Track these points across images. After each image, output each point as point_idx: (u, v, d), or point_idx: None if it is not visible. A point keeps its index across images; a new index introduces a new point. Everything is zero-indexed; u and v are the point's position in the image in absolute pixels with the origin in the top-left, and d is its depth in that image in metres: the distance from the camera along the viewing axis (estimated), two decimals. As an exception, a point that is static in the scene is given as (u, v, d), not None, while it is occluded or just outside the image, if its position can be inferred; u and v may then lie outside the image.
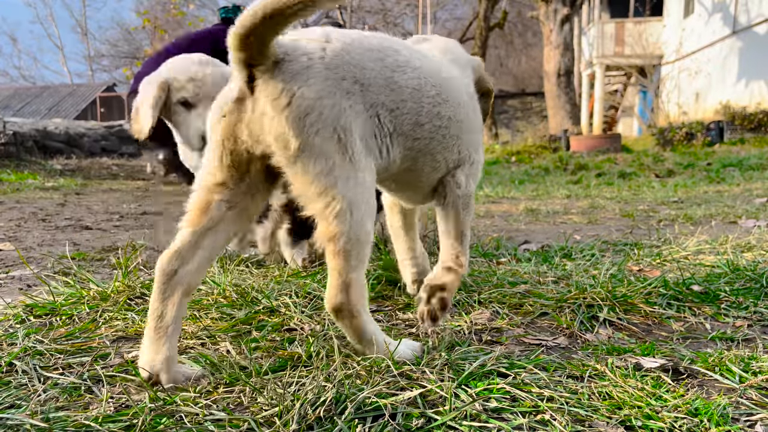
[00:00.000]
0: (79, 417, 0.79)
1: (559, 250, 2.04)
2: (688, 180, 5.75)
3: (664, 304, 1.36)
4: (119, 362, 1.02)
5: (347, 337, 1.01)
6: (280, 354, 1.04)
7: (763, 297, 1.39)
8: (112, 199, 4.55)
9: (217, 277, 1.54)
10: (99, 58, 29.60)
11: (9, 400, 0.86)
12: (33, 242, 2.39)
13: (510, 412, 0.82)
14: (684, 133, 11.40)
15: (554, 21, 12.59)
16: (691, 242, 2.09)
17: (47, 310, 1.30)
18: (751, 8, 14.20)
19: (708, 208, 3.36)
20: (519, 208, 3.75)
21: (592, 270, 1.70)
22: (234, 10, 5.98)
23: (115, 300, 1.37)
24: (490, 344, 1.14)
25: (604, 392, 0.88)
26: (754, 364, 0.98)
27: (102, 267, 1.91)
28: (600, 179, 6.20)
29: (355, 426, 0.77)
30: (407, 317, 1.31)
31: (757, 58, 13.83)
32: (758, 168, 6.53)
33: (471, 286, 1.52)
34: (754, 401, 0.87)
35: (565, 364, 0.99)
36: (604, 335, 1.19)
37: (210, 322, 1.23)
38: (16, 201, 4.13)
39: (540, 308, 1.34)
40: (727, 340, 1.16)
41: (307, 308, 1.32)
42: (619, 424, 0.79)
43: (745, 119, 11.72)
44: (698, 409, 0.82)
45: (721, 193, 4.46)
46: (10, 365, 0.99)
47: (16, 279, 1.73)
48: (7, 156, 7.61)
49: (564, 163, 8.19)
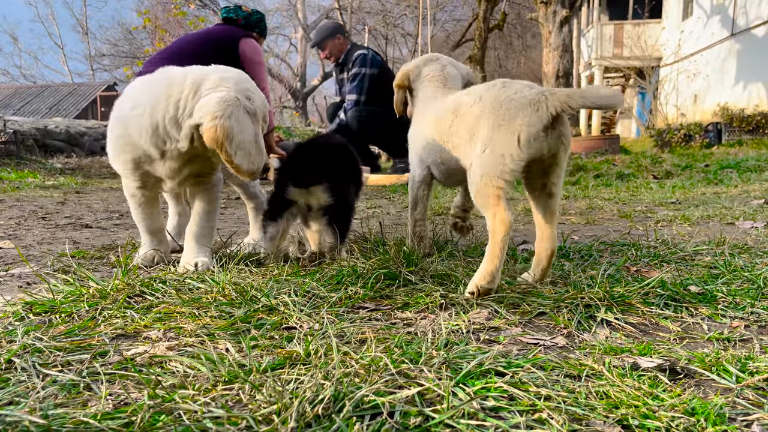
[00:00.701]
0: (78, 414, 0.79)
1: (557, 250, 2.04)
2: (686, 181, 5.76)
3: (661, 304, 1.37)
4: (118, 360, 1.02)
5: None
6: (279, 352, 1.05)
7: (760, 298, 1.39)
8: (112, 197, 4.55)
9: (216, 276, 1.54)
10: (100, 58, 29.58)
11: (8, 397, 0.86)
12: (33, 240, 2.39)
13: (507, 411, 0.82)
14: (682, 135, 11.42)
15: (553, 23, 12.60)
16: (688, 243, 2.10)
17: (47, 308, 1.30)
18: (749, 10, 14.22)
19: (706, 210, 3.37)
20: (517, 208, 3.75)
21: (590, 270, 1.71)
22: (235, 10, 5.96)
23: (115, 298, 1.37)
24: (488, 343, 1.14)
25: (601, 391, 0.88)
26: (750, 365, 0.98)
27: (102, 265, 1.91)
28: (598, 180, 6.21)
29: (353, 424, 0.77)
30: (405, 316, 1.31)
31: (755, 61, 13.86)
32: (756, 170, 6.54)
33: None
34: (751, 401, 0.87)
35: (563, 364, 1.00)
36: (602, 335, 1.20)
37: (209, 320, 1.23)
38: (16, 199, 4.13)
39: (538, 308, 1.35)
40: (724, 340, 1.16)
41: (306, 307, 1.33)
42: (616, 423, 0.79)
43: (743, 121, 11.75)
44: (695, 408, 0.82)
45: (719, 194, 4.47)
46: (9, 362, 0.99)
47: (15, 277, 1.73)
48: (7, 154, 7.61)
49: (563, 165, 8.18)
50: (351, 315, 1.31)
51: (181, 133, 1.63)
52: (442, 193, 4.85)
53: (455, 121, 1.67)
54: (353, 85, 5.88)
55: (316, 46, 6.25)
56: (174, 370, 0.97)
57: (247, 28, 5.54)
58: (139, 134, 1.67)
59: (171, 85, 1.64)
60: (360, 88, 5.89)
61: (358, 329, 1.19)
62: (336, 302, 1.38)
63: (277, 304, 1.32)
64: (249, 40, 5.36)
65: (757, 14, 13.75)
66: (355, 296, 1.43)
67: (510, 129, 1.48)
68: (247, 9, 5.55)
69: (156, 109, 1.63)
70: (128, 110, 1.69)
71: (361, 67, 5.88)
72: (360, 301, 1.42)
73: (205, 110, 1.56)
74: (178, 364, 0.99)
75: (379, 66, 5.98)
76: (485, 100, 1.57)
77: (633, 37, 17.73)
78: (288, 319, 1.25)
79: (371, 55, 6.01)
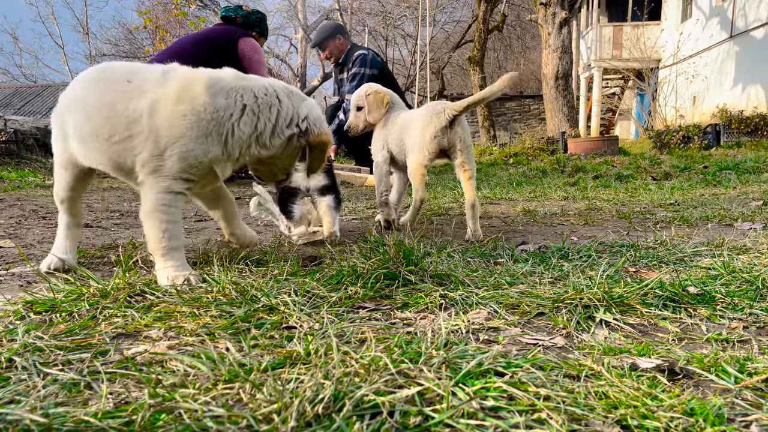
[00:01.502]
0: (79, 413, 0.79)
1: (556, 251, 2.05)
2: (685, 183, 5.77)
3: (660, 305, 1.37)
4: (119, 359, 1.03)
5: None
6: (279, 351, 1.05)
7: (758, 299, 1.40)
8: (112, 197, 4.55)
9: (216, 275, 1.54)
10: (100, 58, 29.55)
11: (8, 395, 0.87)
12: (33, 239, 2.39)
13: (507, 411, 0.82)
14: (681, 137, 11.43)
15: (553, 24, 12.62)
16: (687, 244, 2.10)
17: (47, 307, 1.30)
18: (748, 12, 14.24)
19: (704, 211, 3.37)
20: (517, 209, 3.76)
21: (589, 271, 1.71)
22: (234, 10, 5.95)
23: (115, 297, 1.37)
24: (487, 343, 1.15)
25: (600, 392, 0.88)
26: (749, 365, 0.99)
27: (102, 264, 1.91)
28: (597, 181, 6.21)
29: (353, 423, 0.77)
30: (405, 316, 1.32)
31: (754, 63, 13.88)
32: (754, 171, 6.55)
33: (468, 286, 1.52)
34: (750, 402, 0.87)
35: (562, 364, 1.00)
36: (601, 335, 1.20)
37: (210, 320, 1.23)
38: (16, 198, 4.12)
39: (537, 308, 1.35)
40: (722, 341, 1.17)
41: (306, 306, 1.33)
42: (615, 424, 0.79)
43: (742, 123, 11.77)
44: (694, 409, 0.82)
45: (718, 195, 4.47)
46: (10, 361, 0.99)
47: (16, 276, 1.73)
48: (8, 154, 7.60)
49: (561, 166, 8.21)
50: (351, 315, 1.31)
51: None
52: (442, 194, 4.85)
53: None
54: (353, 84, 5.89)
55: (317, 47, 6.25)
56: (174, 369, 0.97)
57: (246, 27, 5.53)
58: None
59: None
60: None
61: (358, 329, 1.19)
62: (336, 302, 1.38)
63: (277, 304, 1.32)
64: (248, 39, 5.35)
65: (756, 16, 13.77)
66: (355, 296, 1.44)
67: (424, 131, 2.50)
68: (247, 8, 5.54)
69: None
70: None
71: (362, 67, 5.89)
72: (360, 300, 1.42)
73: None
74: (179, 363, 0.99)
75: (379, 67, 5.99)
76: (417, 116, 2.59)
77: (632, 39, 17.75)
78: (288, 318, 1.25)
79: (371, 55, 6.01)
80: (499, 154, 11.64)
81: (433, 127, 2.46)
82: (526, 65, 28.73)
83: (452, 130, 2.46)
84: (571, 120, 12.98)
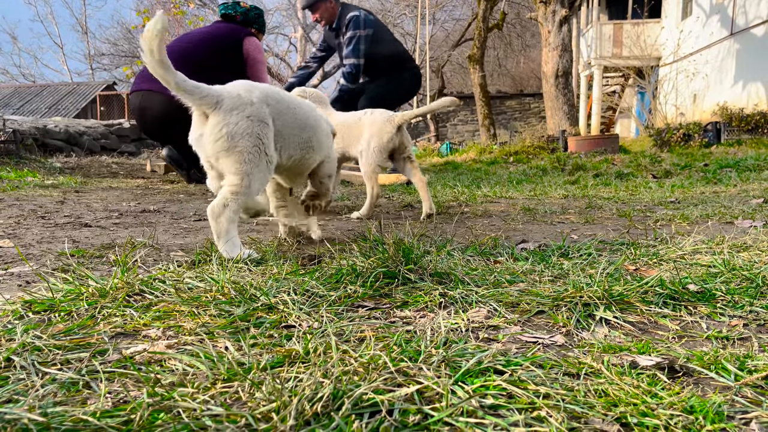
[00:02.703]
0: (77, 412, 0.79)
1: (556, 250, 2.05)
2: (685, 181, 5.76)
3: (660, 303, 1.37)
4: (117, 358, 1.02)
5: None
6: (278, 350, 1.05)
7: (758, 296, 1.39)
8: (111, 197, 4.55)
9: (215, 275, 1.54)
10: (99, 57, 29.54)
11: (7, 395, 0.86)
12: (32, 239, 2.38)
13: (506, 409, 0.82)
14: (681, 135, 11.43)
15: (553, 22, 12.60)
16: (687, 242, 2.10)
17: (46, 307, 1.30)
18: (749, 10, 14.22)
19: (705, 209, 3.37)
20: (517, 207, 3.76)
21: (589, 269, 1.71)
22: (233, 6, 5.93)
23: (114, 296, 1.37)
24: (486, 342, 1.14)
25: (600, 390, 0.88)
26: (749, 363, 0.99)
27: (101, 264, 1.91)
28: (597, 180, 6.21)
29: (352, 422, 0.77)
30: (404, 315, 1.32)
31: (754, 60, 13.87)
32: (755, 169, 6.55)
33: (468, 285, 1.52)
34: (750, 399, 0.87)
35: (562, 362, 1.00)
36: (601, 333, 1.20)
37: (208, 319, 1.23)
38: (15, 198, 4.12)
39: (537, 306, 1.35)
40: (722, 338, 1.17)
41: (305, 305, 1.33)
42: (615, 421, 0.79)
43: (743, 121, 11.75)
44: (694, 406, 0.82)
45: (718, 193, 4.47)
46: (9, 360, 0.99)
47: (15, 275, 1.73)
48: (6, 154, 7.60)
49: (562, 164, 8.20)
50: (350, 313, 1.31)
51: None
52: (441, 193, 4.85)
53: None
54: (350, 49, 5.89)
55: (308, 8, 6.23)
56: (173, 368, 0.97)
57: (245, 24, 5.53)
58: None
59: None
60: (357, 50, 5.93)
61: (357, 328, 1.19)
62: (335, 301, 1.38)
63: (276, 303, 1.32)
64: (252, 38, 5.36)
65: (756, 14, 13.75)
66: (354, 295, 1.44)
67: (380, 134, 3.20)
68: (245, 5, 5.53)
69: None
70: None
71: (356, 29, 5.90)
72: (359, 299, 1.42)
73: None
74: (178, 362, 0.99)
75: (372, 26, 6.00)
76: (366, 119, 3.24)
77: (632, 37, 17.73)
78: (287, 317, 1.25)
79: (363, 15, 6.00)
80: (499, 153, 11.64)
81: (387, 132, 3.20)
82: (526, 63, 28.72)
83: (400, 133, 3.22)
84: (571, 118, 12.97)
